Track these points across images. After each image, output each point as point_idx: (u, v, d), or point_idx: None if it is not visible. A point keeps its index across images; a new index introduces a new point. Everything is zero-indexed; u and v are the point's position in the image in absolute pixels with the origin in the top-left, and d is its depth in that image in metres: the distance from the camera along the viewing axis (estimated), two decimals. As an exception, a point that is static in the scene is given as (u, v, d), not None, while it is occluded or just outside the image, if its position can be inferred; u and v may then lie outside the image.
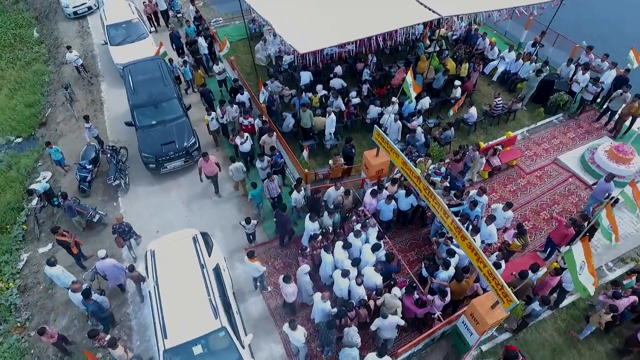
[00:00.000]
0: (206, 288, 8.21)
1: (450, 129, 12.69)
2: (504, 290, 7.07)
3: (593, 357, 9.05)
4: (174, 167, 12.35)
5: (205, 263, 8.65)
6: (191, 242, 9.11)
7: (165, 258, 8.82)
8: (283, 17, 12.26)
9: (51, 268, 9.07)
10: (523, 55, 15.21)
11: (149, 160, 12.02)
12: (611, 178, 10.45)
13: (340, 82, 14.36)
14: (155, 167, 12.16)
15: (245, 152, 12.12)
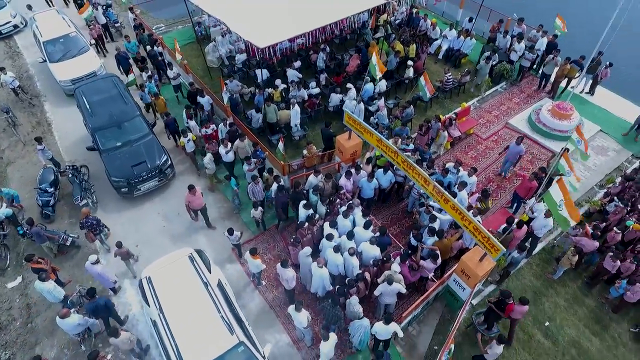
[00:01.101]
0: (215, 305, 7.96)
1: (409, 107, 13.34)
2: (490, 241, 7.68)
3: (568, 293, 10.02)
4: (148, 188, 11.69)
5: (208, 280, 8.43)
6: (188, 261, 8.79)
7: (164, 282, 8.40)
8: (235, 15, 12.27)
9: (42, 283, 8.69)
10: (462, 32, 16.24)
11: (120, 185, 11.31)
12: (521, 141, 11.32)
13: (295, 74, 14.55)
14: (128, 191, 11.45)
15: (229, 162, 11.64)
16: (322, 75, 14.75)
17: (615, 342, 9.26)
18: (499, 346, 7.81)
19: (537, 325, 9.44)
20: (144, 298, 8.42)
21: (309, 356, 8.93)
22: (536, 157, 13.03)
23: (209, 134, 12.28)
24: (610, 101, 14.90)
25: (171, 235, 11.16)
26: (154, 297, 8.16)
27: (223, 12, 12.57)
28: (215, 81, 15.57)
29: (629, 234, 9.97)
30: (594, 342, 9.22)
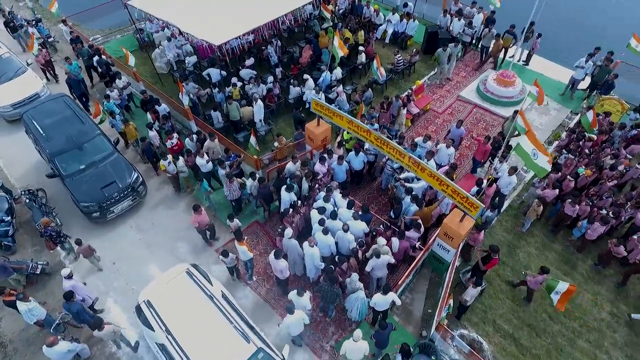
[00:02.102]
0: (225, 317, 7.78)
1: (368, 90, 13.77)
2: (469, 200, 8.19)
3: (537, 242, 10.87)
4: (122, 209, 11.07)
5: (212, 293, 8.21)
6: (187, 277, 8.51)
7: (166, 303, 8.08)
8: (183, 17, 12.05)
9: (24, 303, 8.28)
10: (404, 15, 16.95)
11: (91, 209, 10.61)
12: (460, 124, 11.86)
13: (249, 72, 14.49)
14: (100, 215, 10.75)
15: (208, 172, 11.28)
16: (278, 69, 14.80)
17: (584, 278, 10.20)
18: (475, 289, 8.54)
19: (515, 274, 10.16)
20: (145, 324, 7.98)
21: (311, 340, 9.04)
22: (489, 124, 13.94)
23: (174, 145, 11.88)
24: (545, 67, 16.20)
25: (149, 247, 10.79)
26: (158, 320, 7.80)
27: (170, 14, 12.29)
28: (166, 87, 15.15)
29: (581, 180, 10.98)
30: (567, 281, 10.07)
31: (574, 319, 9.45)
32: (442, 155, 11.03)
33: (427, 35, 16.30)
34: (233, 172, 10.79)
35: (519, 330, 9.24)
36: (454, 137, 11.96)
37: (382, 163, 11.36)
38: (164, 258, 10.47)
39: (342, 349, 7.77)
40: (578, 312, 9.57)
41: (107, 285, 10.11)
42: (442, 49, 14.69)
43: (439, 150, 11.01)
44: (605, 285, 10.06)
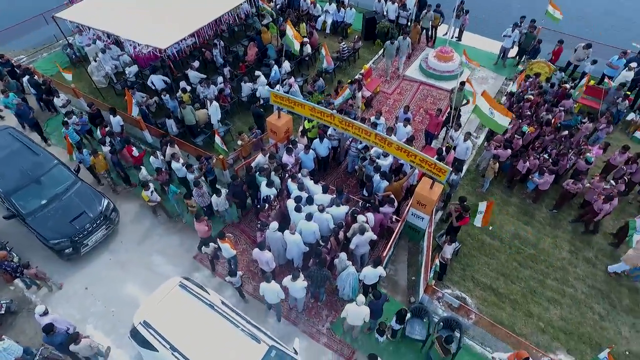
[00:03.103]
0: (230, 322, 7.66)
1: (319, 79, 14.01)
2: (437, 166, 8.69)
3: (497, 200, 11.68)
4: (96, 240, 10.29)
5: (211, 301, 8.02)
6: (181, 290, 8.20)
7: (165, 320, 7.77)
8: (120, 25, 11.57)
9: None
10: (341, 5, 17.39)
11: (62, 246, 9.78)
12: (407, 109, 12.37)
13: (196, 75, 14.22)
14: (73, 251, 9.91)
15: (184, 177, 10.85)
16: (226, 69, 14.64)
17: (542, 224, 11.16)
18: (451, 245, 9.19)
19: (483, 231, 10.89)
20: (144, 346, 7.61)
21: (307, 326, 9.16)
22: (436, 98, 14.74)
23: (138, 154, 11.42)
24: (476, 41, 17.36)
25: (122, 267, 10.32)
26: (160, 339, 7.47)
27: (106, 23, 11.75)
28: (110, 101, 14.45)
29: (526, 137, 11.97)
30: (528, 230, 11.00)
31: (540, 262, 10.33)
32: (400, 133, 11.52)
33: (365, 21, 16.86)
34: (201, 175, 10.59)
35: (495, 281, 9.95)
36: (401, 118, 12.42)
37: (346, 146, 11.66)
38: (142, 274, 10.08)
39: (344, 312, 8.00)
40: (542, 255, 10.46)
41: (83, 311, 9.55)
42: (390, 42, 14.80)
43: (397, 129, 11.48)
44: (561, 228, 11.07)
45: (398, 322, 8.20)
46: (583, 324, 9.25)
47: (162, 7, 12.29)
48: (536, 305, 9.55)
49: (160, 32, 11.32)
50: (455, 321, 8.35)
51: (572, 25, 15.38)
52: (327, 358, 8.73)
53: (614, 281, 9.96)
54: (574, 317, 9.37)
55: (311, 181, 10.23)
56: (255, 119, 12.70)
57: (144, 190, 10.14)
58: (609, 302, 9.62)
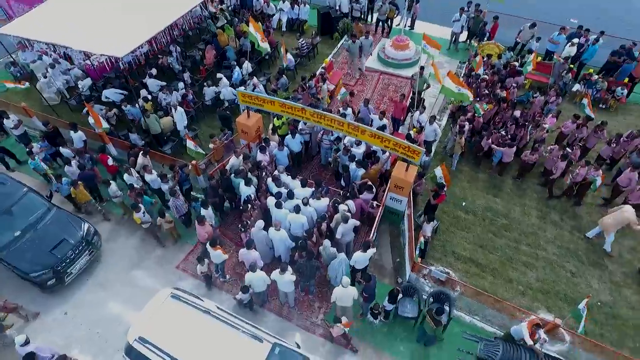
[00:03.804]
0: (230, 325, 7.59)
1: (281, 77, 14.04)
2: (410, 148, 8.99)
3: (466, 176, 12.24)
4: (80, 267, 9.75)
5: (207, 308, 7.88)
6: (175, 301, 7.97)
7: (162, 333, 7.54)
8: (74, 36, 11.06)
9: None
10: (294, 2, 17.48)
11: (45, 278, 9.21)
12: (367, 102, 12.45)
13: (156, 82, 13.87)
14: (56, 281, 9.37)
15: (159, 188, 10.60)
16: (185, 74, 14.34)
17: (510, 195, 11.80)
18: (430, 224, 9.59)
19: (457, 207, 11.38)
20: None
21: (301, 320, 9.22)
22: (397, 85, 15.18)
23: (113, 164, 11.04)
24: (428, 28, 17.91)
25: (102, 286, 9.94)
26: (159, 354, 7.24)
27: (57, 36, 11.20)
28: (65, 117, 13.76)
29: (486, 115, 12.59)
30: (498, 201, 11.59)
31: (512, 231, 10.92)
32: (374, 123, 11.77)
33: (321, 17, 17.04)
34: (175, 185, 10.34)
35: (474, 253, 10.42)
36: (364, 115, 12.48)
37: (318, 139, 11.77)
38: (124, 291, 9.76)
39: (333, 297, 8.18)
40: (514, 224, 11.06)
41: (66, 337, 9.10)
42: (352, 41, 14.78)
43: (373, 121, 11.73)
44: (527, 196, 11.74)
45: (390, 302, 8.42)
46: (558, 283, 9.89)
47: (113, 14, 11.85)
48: (514, 271, 10.10)
49: (115, 40, 10.93)
50: (445, 294, 8.69)
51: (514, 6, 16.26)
52: (325, 349, 8.82)
53: (580, 240, 10.70)
54: (549, 277, 9.99)
55: (289, 177, 10.27)
56: (222, 121, 12.56)
57: (135, 213, 9.65)
58: (578, 259, 10.32)
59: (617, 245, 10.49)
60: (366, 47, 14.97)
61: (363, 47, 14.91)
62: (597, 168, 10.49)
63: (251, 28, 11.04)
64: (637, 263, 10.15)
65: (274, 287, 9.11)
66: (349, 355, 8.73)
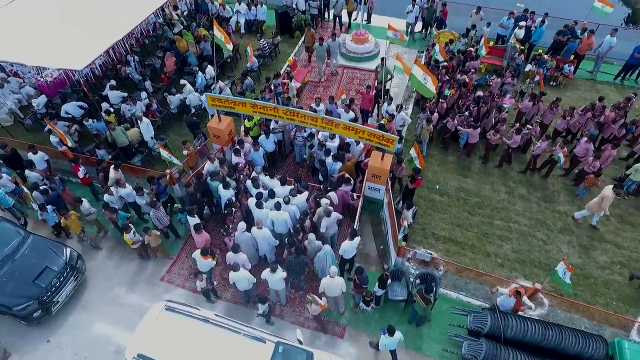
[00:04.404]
0: (230, 330, 7.55)
1: (246, 78, 13.98)
2: (385, 137, 9.24)
3: (436, 159, 12.69)
4: (67, 295, 9.30)
5: (204, 316, 7.79)
6: (170, 313, 7.78)
7: (162, 347, 7.38)
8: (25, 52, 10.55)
9: None
10: (251, 3, 17.40)
11: (30, 310, 8.68)
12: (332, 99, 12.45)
13: (117, 94, 13.46)
14: (42, 312, 8.86)
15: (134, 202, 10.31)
16: (146, 83, 13.99)
17: (479, 174, 12.34)
18: (409, 211, 9.95)
19: (432, 191, 11.80)
20: None
21: (294, 317, 9.29)
22: (361, 78, 15.47)
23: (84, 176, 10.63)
24: (384, 21, 18.31)
25: (84, 307, 9.57)
26: None
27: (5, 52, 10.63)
28: (22, 138, 13.12)
29: (449, 100, 13.10)
30: (469, 181, 12.11)
31: (485, 207, 11.44)
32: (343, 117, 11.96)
33: (279, 16, 17.06)
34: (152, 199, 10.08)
35: (452, 232, 10.85)
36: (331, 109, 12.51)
37: (291, 137, 11.83)
38: (108, 311, 9.46)
39: (321, 288, 8.33)
40: (485, 201, 11.60)
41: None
42: (319, 44, 14.45)
43: (341, 115, 11.89)
44: (494, 174, 12.32)
45: (381, 287, 8.64)
46: (532, 251, 10.48)
47: (64, 27, 11.37)
48: (491, 245, 10.61)
49: (71, 53, 10.51)
50: (430, 274, 9.02)
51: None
52: (322, 341, 8.93)
53: (547, 210, 11.37)
54: (523, 247, 10.57)
55: (267, 177, 10.29)
56: (191, 128, 12.36)
57: (125, 234, 9.33)
58: (547, 228, 10.98)
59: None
60: (334, 48, 14.95)
61: (331, 48, 14.85)
62: (562, 146, 11.15)
63: (215, 31, 10.92)
64: (600, 226, 10.92)
65: (264, 287, 9.16)
66: (346, 345, 8.89)
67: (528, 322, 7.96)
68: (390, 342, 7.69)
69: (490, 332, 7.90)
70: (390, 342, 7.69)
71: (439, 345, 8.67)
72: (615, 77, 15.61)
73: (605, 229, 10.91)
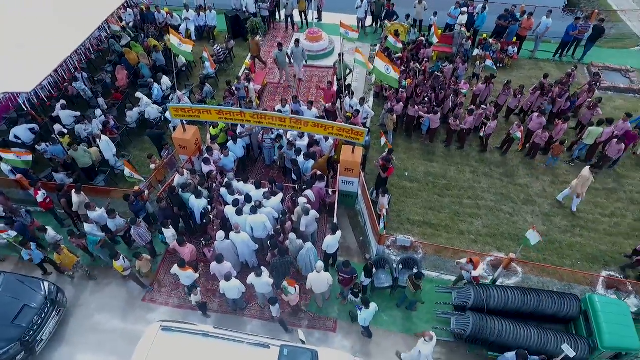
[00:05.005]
0: (232, 341, 7.47)
1: (205, 86, 13.76)
2: (354, 130, 9.44)
3: (402, 148, 13.08)
4: (51, 331, 8.78)
5: (204, 331, 7.64)
6: (167, 332, 7.55)
7: None
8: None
9: None
10: (199, 9, 17.10)
11: (12, 353, 8.15)
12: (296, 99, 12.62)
13: (69, 114, 12.83)
14: (26, 353, 8.34)
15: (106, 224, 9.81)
16: (100, 99, 13.43)
17: (444, 158, 12.85)
18: (384, 197, 10.15)
19: (402, 179, 12.16)
20: None
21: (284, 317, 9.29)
22: (321, 75, 15.64)
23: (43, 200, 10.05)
24: (335, 18, 18.54)
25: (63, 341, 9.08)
26: None
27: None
28: None
29: (408, 89, 13.53)
30: (435, 165, 12.58)
31: (453, 189, 11.94)
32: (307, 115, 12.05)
33: (230, 20, 16.88)
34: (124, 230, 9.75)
35: (426, 216, 11.25)
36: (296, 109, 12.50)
37: (259, 140, 11.78)
38: (90, 340, 9.07)
39: (308, 284, 8.50)
40: (453, 182, 12.10)
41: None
42: (279, 50, 14.13)
43: (304, 113, 12.00)
44: (457, 156, 12.87)
45: (367, 276, 8.83)
46: (500, 225, 11.07)
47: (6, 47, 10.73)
48: (463, 223, 11.11)
49: (15, 75, 9.94)
50: (412, 259, 9.33)
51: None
52: (315, 337, 9.02)
53: (510, 184, 12.03)
54: (492, 222, 11.15)
55: (241, 182, 10.21)
56: (155, 141, 12.01)
57: (115, 262, 8.92)
58: (512, 201, 11.63)
59: (540, 182, 12.03)
60: (298, 55, 14.47)
61: (294, 55, 14.48)
62: (519, 125, 11.82)
63: (172, 38, 10.66)
64: (557, 193, 11.69)
65: (251, 293, 9.12)
66: (340, 337, 9.03)
67: (508, 290, 8.43)
68: (368, 314, 7.99)
69: (475, 305, 8.28)
70: (368, 314, 7.99)
71: (428, 325, 8.98)
72: (554, 55, 16.72)
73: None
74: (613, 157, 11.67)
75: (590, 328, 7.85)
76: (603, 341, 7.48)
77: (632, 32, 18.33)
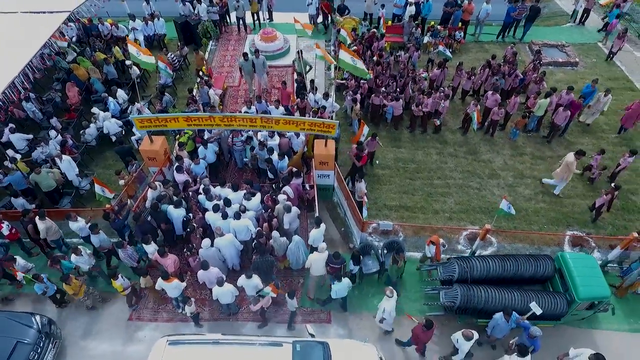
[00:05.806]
0: (243, 344, 7.49)
1: (164, 95, 13.42)
2: (325, 124, 9.60)
3: (374, 138, 13.42)
4: None
5: (213, 338, 7.63)
6: (175, 346, 7.43)
7: None
8: None
9: None
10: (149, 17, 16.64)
11: None
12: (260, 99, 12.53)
13: (20, 137, 12.10)
14: None
15: None
16: (52, 119, 12.74)
17: (410, 142, 13.32)
18: (361, 183, 10.46)
19: (374, 167, 12.48)
20: None
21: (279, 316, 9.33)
22: (280, 74, 15.69)
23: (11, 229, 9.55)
24: (286, 17, 18.62)
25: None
26: None
27: None
28: None
29: (369, 82, 13.86)
30: (403, 151, 13.02)
31: (422, 171, 12.41)
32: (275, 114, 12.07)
33: (180, 27, 16.50)
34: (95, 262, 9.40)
35: (401, 200, 11.63)
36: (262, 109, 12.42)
37: (229, 144, 11.66)
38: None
39: (308, 263, 8.65)
40: (421, 165, 12.58)
41: None
42: (244, 59, 13.69)
43: (271, 111, 12.00)
44: (422, 141, 13.37)
45: (355, 264, 9.03)
46: (471, 200, 11.65)
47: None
48: (437, 203, 11.59)
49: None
50: (394, 242, 9.64)
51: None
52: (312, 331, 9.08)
53: (474, 161, 12.67)
54: (463, 198, 11.71)
55: (217, 187, 10.09)
56: (123, 156, 11.56)
57: (114, 281, 8.60)
58: (478, 177, 12.26)
59: (501, 156, 12.75)
60: (259, 66, 13.90)
61: (256, 65, 13.87)
62: (475, 104, 12.44)
63: (133, 50, 10.32)
64: (518, 165, 12.46)
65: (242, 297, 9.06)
66: (335, 327, 9.18)
67: (488, 260, 8.91)
68: (340, 287, 8.27)
69: (460, 278, 8.71)
70: (340, 287, 8.27)
71: (419, 302, 9.34)
72: (497, 36, 17.71)
73: (522, 166, 12.49)
74: (560, 124, 12.57)
75: (565, 283, 8.47)
76: (578, 293, 8.10)
77: (562, 10, 19.81)
